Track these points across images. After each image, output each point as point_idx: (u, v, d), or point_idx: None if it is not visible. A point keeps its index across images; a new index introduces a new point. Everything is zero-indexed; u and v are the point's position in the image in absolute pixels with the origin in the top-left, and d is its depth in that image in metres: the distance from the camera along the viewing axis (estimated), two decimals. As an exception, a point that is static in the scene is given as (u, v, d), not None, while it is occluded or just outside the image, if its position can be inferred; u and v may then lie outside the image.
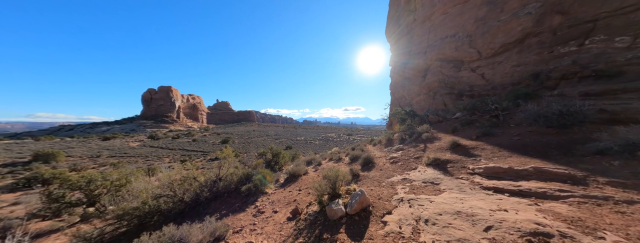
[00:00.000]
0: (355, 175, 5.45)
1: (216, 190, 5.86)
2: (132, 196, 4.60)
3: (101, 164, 21.41)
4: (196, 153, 30.76)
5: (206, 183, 5.77)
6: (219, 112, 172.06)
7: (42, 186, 13.06)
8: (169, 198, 5.06)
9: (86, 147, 32.54)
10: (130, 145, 36.71)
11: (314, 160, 9.02)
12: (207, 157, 27.49)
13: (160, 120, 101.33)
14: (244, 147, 38.23)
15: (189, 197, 5.24)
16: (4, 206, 9.12)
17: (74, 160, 22.71)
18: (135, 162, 23.66)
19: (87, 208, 7.17)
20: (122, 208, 4.27)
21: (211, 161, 24.21)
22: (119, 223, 4.18)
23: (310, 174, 6.96)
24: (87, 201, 7.57)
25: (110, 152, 28.68)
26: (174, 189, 5.11)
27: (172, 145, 37.58)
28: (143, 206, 4.38)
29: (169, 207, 4.59)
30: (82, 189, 7.66)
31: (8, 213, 7.80)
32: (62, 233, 5.26)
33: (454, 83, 11.59)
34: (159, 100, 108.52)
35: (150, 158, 26.62)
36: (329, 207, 3.40)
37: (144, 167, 19.71)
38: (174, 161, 24.38)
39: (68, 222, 6.47)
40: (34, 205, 8.83)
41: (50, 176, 13.82)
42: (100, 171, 16.09)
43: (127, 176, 8.83)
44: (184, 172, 6.44)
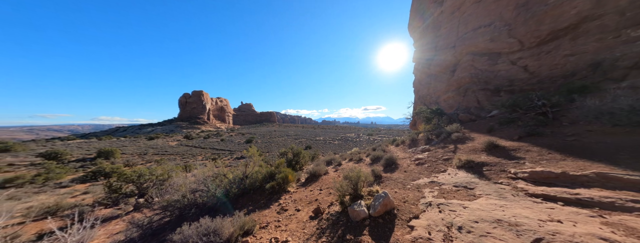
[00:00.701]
0: (378, 177, 5.30)
1: (243, 187, 6.25)
2: (174, 190, 5.18)
3: (148, 161, 24.48)
4: (224, 152, 33.16)
5: (234, 180, 6.19)
6: (244, 113, 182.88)
7: (104, 179, 15.46)
8: (204, 192, 5.56)
9: (135, 145, 37.54)
10: (169, 144, 41.25)
11: (333, 160, 9.01)
12: (233, 156, 29.42)
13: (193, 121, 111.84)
14: (266, 146, 39.96)
15: (220, 192, 5.68)
16: (77, 194, 11.03)
17: (127, 157, 26.39)
18: (174, 159, 26.49)
19: (138, 199, 8.27)
20: (166, 200, 4.84)
21: (237, 159, 25.82)
22: (163, 213, 4.75)
23: (331, 174, 6.98)
24: (138, 193, 8.73)
25: (154, 150, 32.61)
26: (208, 185, 5.60)
27: (204, 145, 41.14)
28: (183, 199, 4.89)
29: (204, 200, 5.04)
30: (134, 182, 8.87)
31: (80, 200, 9.42)
32: (120, 220, 6.16)
33: (489, 78, 10.47)
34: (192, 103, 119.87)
35: (186, 156, 29.55)
36: (351, 208, 3.37)
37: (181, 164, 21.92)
38: (205, 159, 26.67)
39: (124, 210, 7.55)
40: (99, 194, 10.51)
41: (110, 170, 16.29)
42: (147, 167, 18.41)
43: (169, 172, 9.95)
44: (215, 169, 7.01)
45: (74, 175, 16.48)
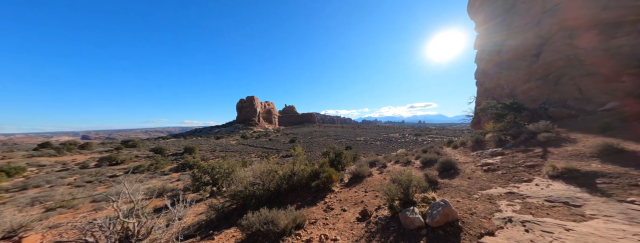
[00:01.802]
0: (432, 182, 4.71)
1: (292, 183, 6.72)
2: (237, 181, 6.10)
3: (216, 156, 29.68)
4: (272, 151, 36.62)
5: (284, 177, 6.73)
6: (287, 115, 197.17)
7: (189, 169, 19.62)
8: (260, 186, 6.30)
9: (207, 144, 46.16)
10: (231, 143, 48.75)
11: (377, 161, 8.56)
12: (280, 154, 32.11)
13: (247, 123, 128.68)
14: (308, 146, 41.76)
15: (273, 187, 6.31)
16: (173, 180, 14.38)
17: (202, 152, 32.76)
18: (234, 155, 31.11)
19: (212, 187, 10.11)
20: (232, 190, 5.74)
21: (283, 158, 28.01)
22: (231, 201, 5.65)
23: (375, 176, 6.66)
24: (212, 182, 10.67)
25: (220, 148, 39.26)
26: (263, 179, 6.31)
27: (256, 144, 46.63)
28: (244, 190, 5.68)
29: (260, 193, 5.71)
30: (209, 173, 10.88)
31: (176, 185, 12.22)
32: (203, 203, 7.69)
33: (599, 58, 7.71)
34: (246, 107, 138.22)
35: (243, 153, 34.24)
36: (403, 214, 3.11)
37: (240, 160, 25.42)
38: (258, 156, 30.16)
39: (203, 195, 9.38)
40: (186, 181, 13.39)
41: (192, 163, 20.51)
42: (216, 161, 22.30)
43: (232, 166, 11.76)
44: (268, 166, 7.83)
45: (171, 166, 21.66)
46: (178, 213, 3.63)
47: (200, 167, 11.77)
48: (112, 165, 21.43)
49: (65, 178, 15.23)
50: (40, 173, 16.85)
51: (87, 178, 15.50)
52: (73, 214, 7.73)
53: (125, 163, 22.29)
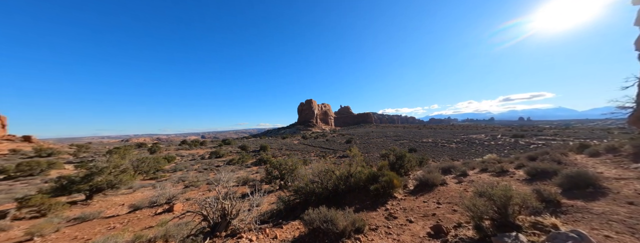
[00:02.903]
0: (551, 202, 3.35)
1: (349, 184, 6.61)
2: (300, 178, 6.66)
3: (283, 154, 33.90)
4: (329, 151, 37.83)
5: (341, 177, 6.73)
6: (342, 115, 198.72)
7: (264, 164, 23.35)
8: (319, 184, 6.60)
9: (276, 143, 53.68)
10: (293, 143, 54.46)
11: (453, 168, 7.04)
12: (336, 154, 32.66)
13: (307, 124, 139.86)
14: (365, 147, 40.18)
15: (330, 186, 6.44)
16: (253, 173, 17.53)
17: (272, 150, 38.32)
18: (297, 154, 34.42)
19: (280, 181, 11.56)
20: (296, 186, 6.31)
21: (340, 158, 28.28)
22: (295, 195, 6.24)
23: (452, 186, 5.47)
24: (280, 177, 12.22)
25: (285, 147, 44.63)
26: (321, 178, 6.57)
27: (314, 144, 49.71)
28: (306, 187, 6.11)
29: (319, 191, 5.96)
30: (277, 168, 12.51)
31: (255, 177, 14.81)
32: (273, 194, 8.93)
33: None
34: (305, 110, 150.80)
35: (304, 152, 37.37)
36: (500, 240, 2.34)
37: (301, 158, 27.76)
38: (316, 156, 31.99)
39: (274, 187, 10.88)
40: (262, 174, 15.96)
41: (266, 159, 24.30)
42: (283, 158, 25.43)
43: (295, 163, 13.03)
44: (325, 165, 8.11)
45: (252, 160, 26.64)
46: (256, 200, 4.34)
47: (271, 163, 13.78)
48: (217, 157, 28.84)
49: (193, 166, 21.87)
50: (182, 161, 24.99)
51: (204, 166, 21.58)
52: (196, 192, 10.94)
53: (224, 157, 29.42)
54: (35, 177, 15.02)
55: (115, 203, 9.10)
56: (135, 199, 9.50)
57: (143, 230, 5.56)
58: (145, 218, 7.00)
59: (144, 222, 6.56)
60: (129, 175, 10.92)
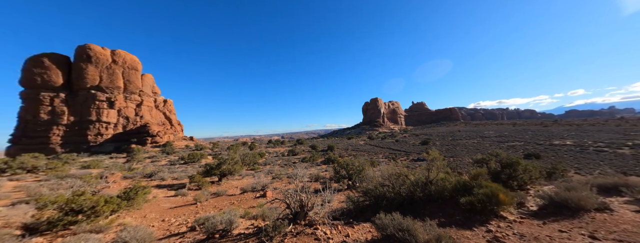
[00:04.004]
0: None
1: (428, 192, 5.67)
2: (368, 180, 6.46)
3: (349, 154, 34.20)
4: (399, 153, 34.11)
5: (417, 184, 5.88)
6: (415, 113, 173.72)
7: (331, 163, 24.51)
8: (389, 188, 6.11)
9: (342, 143, 54.99)
10: (359, 143, 53.60)
11: (625, 186, 4.44)
12: (409, 157, 28.88)
13: (373, 124, 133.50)
14: (449, 150, 32.97)
15: (404, 192, 5.78)
16: (323, 171, 18.82)
17: (339, 150, 39.57)
18: (363, 155, 33.59)
19: (348, 181, 11.72)
20: (364, 187, 6.18)
21: (414, 161, 24.80)
22: (364, 197, 6.11)
23: (624, 214, 3.46)
24: (348, 177, 12.39)
25: (351, 147, 44.77)
26: (392, 182, 6.04)
27: (382, 144, 46.51)
28: (375, 189, 5.85)
29: (391, 196, 5.51)
30: (345, 168, 12.76)
31: (324, 175, 15.85)
32: (342, 193, 9.20)
33: None
34: (371, 109, 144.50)
35: (370, 153, 35.90)
36: None
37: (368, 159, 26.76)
38: (385, 157, 29.80)
39: (342, 187, 11.17)
40: (330, 173, 16.82)
41: (333, 158, 25.44)
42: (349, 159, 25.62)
43: (362, 164, 12.78)
44: (396, 168, 7.39)
45: (321, 159, 28.76)
46: (328, 197, 4.64)
47: (338, 163, 14.26)
48: (293, 155, 33.46)
49: (277, 161, 26.50)
50: (269, 157, 30.97)
51: (284, 162, 25.66)
52: (280, 183, 13.19)
53: (298, 155, 33.63)
54: (195, 163, 23.66)
55: (233, 185, 12.63)
56: (243, 184, 12.75)
57: (249, 208, 7.36)
58: (249, 199, 9.24)
59: (249, 203, 8.67)
60: (239, 166, 14.86)
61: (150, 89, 56.27)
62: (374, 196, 5.81)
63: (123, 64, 50.08)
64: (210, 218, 4.78)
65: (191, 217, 6.66)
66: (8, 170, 14.79)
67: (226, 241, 4.11)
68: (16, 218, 5.48)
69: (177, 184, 12.71)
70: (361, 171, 11.67)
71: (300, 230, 3.98)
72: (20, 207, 6.20)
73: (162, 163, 24.42)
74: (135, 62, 52.27)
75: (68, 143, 41.95)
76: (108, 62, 48.12)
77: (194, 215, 6.92)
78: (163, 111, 57.89)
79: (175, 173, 16.25)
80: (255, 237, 4.01)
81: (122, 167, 18.98)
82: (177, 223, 6.10)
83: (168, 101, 60.56)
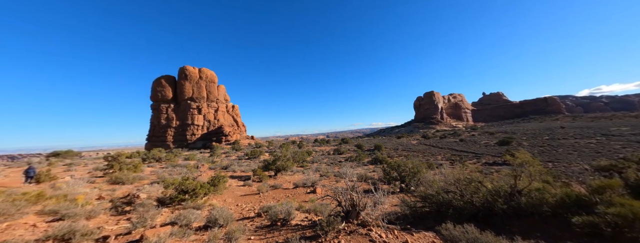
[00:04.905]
0: None
1: (515, 205, 4.46)
2: (427, 184, 5.70)
3: (399, 155, 31.36)
4: (466, 154, 28.45)
5: (498, 193, 4.73)
6: (488, 106, 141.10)
7: (379, 164, 23.16)
8: (456, 195, 5.18)
9: (390, 143, 51.02)
10: (411, 143, 48.25)
11: None
12: (481, 160, 23.67)
13: (428, 122, 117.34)
14: (544, 152, 24.98)
15: (477, 201, 4.77)
16: (370, 171, 18.03)
17: (387, 150, 36.94)
18: (417, 156, 30.00)
19: (401, 184, 10.75)
20: (423, 192, 5.49)
21: (489, 165, 20.17)
22: (423, 202, 5.44)
23: None
24: (400, 179, 11.38)
25: (402, 147, 40.86)
26: (460, 188, 5.10)
27: (441, 144, 40.12)
28: (436, 195, 5.10)
29: (459, 204, 4.67)
30: (396, 170, 11.77)
31: (372, 175, 15.15)
32: (395, 196, 8.53)
33: None
34: (424, 105, 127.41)
35: (426, 154, 31.64)
36: None
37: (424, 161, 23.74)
38: (446, 159, 25.60)
39: (394, 189, 10.35)
40: (379, 173, 15.91)
41: (381, 159, 23.97)
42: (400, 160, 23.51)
43: (417, 166, 11.44)
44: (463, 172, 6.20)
45: (367, 159, 27.68)
46: (380, 199, 4.41)
47: (388, 164, 13.30)
48: (338, 154, 33.71)
49: (323, 159, 27.44)
50: (316, 155, 32.40)
51: (330, 161, 26.21)
52: (328, 181, 13.55)
53: (344, 154, 33.59)
54: (256, 158, 27.58)
55: (286, 180, 13.95)
56: (295, 179, 13.87)
57: (302, 202, 7.93)
58: (301, 194, 9.94)
59: (301, 197, 9.33)
60: (291, 163, 16.27)
61: (223, 97, 69.63)
62: (435, 202, 5.09)
63: (206, 78, 64.14)
64: (272, 208, 5.43)
65: (257, 205, 7.79)
66: (147, 159, 21.68)
67: (286, 229, 4.57)
68: (154, 193, 7.97)
69: (244, 176, 15.16)
70: (416, 173, 10.46)
71: (353, 229, 3.95)
72: (155, 186, 8.96)
73: (232, 158, 29.76)
74: (214, 76, 65.95)
75: (175, 141, 57.41)
76: (196, 78, 62.78)
77: (259, 203, 8.07)
78: (232, 115, 70.40)
79: (242, 166, 19.46)
80: (311, 229, 4.27)
81: (208, 159, 24.36)
82: (247, 208, 7.28)
83: (235, 106, 73.16)
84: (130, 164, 13.96)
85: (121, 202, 6.81)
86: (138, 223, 4.62)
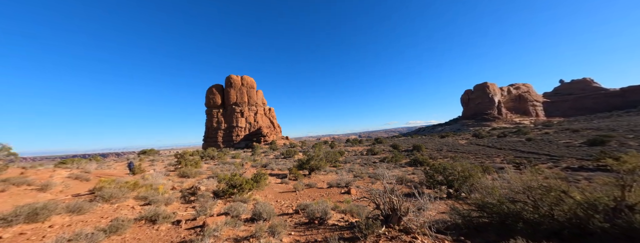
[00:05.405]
0: None
1: (624, 224, 3.34)
2: (486, 192, 4.83)
3: (444, 156, 27.87)
4: (537, 157, 23.10)
5: (593, 207, 3.64)
6: (568, 97, 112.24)
7: (420, 165, 21.11)
8: (527, 206, 4.22)
9: (432, 142, 45.87)
10: (459, 143, 42.23)
11: None
12: (560, 164, 18.83)
13: (480, 118, 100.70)
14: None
15: (561, 216, 3.78)
16: (409, 173, 16.60)
17: (428, 151, 33.34)
18: (467, 157, 26.03)
19: (449, 189, 9.52)
20: (480, 200, 4.69)
21: (574, 171, 15.92)
22: (480, 212, 4.65)
23: None
24: (446, 183, 10.09)
25: (447, 147, 36.20)
26: (533, 198, 4.14)
27: (500, 144, 33.77)
28: (499, 205, 4.27)
29: (534, 217, 3.79)
30: (441, 173, 10.49)
31: (412, 178, 13.88)
32: (442, 202, 7.61)
33: None
34: (475, 99, 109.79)
35: (479, 155, 27.14)
36: None
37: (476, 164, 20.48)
38: (508, 162, 21.39)
39: (440, 194, 9.24)
40: (419, 176, 14.47)
41: (422, 160, 21.82)
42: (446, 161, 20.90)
43: (468, 170, 9.91)
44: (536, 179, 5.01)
45: (405, 160, 25.63)
46: (425, 204, 3.99)
47: (431, 166, 11.97)
48: (372, 154, 32.33)
49: (356, 160, 26.76)
50: (349, 156, 31.90)
51: (364, 161, 25.36)
52: (362, 182, 13.13)
53: (378, 154, 32.00)
54: (291, 158, 29.08)
55: (320, 179, 14.19)
56: (328, 179, 13.97)
57: (337, 202, 7.90)
58: (336, 194, 9.92)
59: (336, 197, 9.32)
60: (323, 162, 16.48)
61: (261, 101, 76.24)
62: (497, 213, 4.28)
63: (246, 85, 71.56)
64: (309, 206, 5.59)
65: (294, 202, 8.18)
66: (204, 157, 25.57)
67: (324, 228, 4.62)
68: (210, 186, 9.31)
69: (281, 174, 16.14)
70: (468, 178, 9.08)
71: (395, 235, 3.69)
72: (211, 180, 10.46)
73: (270, 157, 32.15)
74: (253, 82, 73.04)
75: (224, 141, 65.73)
76: (239, 85, 70.67)
77: (296, 201, 8.44)
78: (269, 117, 76.27)
79: (279, 165, 20.80)
80: (349, 230, 4.20)
81: (249, 158, 26.99)
82: (285, 205, 7.72)
83: (271, 109, 79.02)
84: (192, 161, 16.71)
85: (188, 192, 8.19)
86: (201, 211, 5.46)
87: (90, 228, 4.17)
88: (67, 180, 8.84)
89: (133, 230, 4.58)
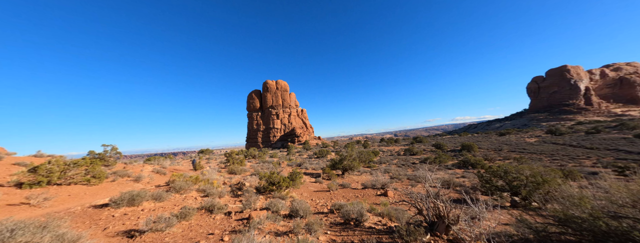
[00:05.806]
0: None
1: None
2: (570, 203, 3.79)
3: (505, 157, 23.32)
4: (658, 159, 16.87)
5: None
6: None
7: (472, 168, 18.28)
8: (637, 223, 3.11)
9: (488, 141, 38.97)
10: (526, 141, 34.66)
11: None
12: None
13: (556, 111, 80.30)
14: None
15: None
16: (458, 176, 14.56)
17: (483, 151, 28.49)
18: (539, 159, 21.11)
19: (513, 197, 7.93)
20: (562, 213, 3.72)
21: None
22: (562, 227, 3.68)
23: None
24: (509, 189, 8.42)
25: (508, 147, 30.17)
26: (651, 216, 3.03)
27: (590, 143, 26.14)
28: (593, 221, 3.29)
29: (653, 243, 2.77)
30: (502, 178, 8.83)
31: (461, 182, 12.16)
32: (505, 212, 6.40)
33: None
34: (549, 87, 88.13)
35: (557, 157, 21.64)
36: None
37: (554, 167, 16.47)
38: (602, 165, 16.39)
39: (501, 202, 7.77)
40: (472, 180, 12.56)
41: (474, 162, 18.84)
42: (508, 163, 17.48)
43: (538, 173, 8.02)
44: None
45: (452, 161, 22.61)
46: (481, 213, 3.43)
47: (487, 169, 10.21)
48: (411, 155, 29.75)
49: (393, 160, 25.15)
50: (384, 156, 30.25)
51: (402, 162, 23.59)
52: (400, 184, 12.22)
53: (418, 155, 29.23)
54: (324, 157, 29.51)
55: (354, 180, 13.91)
56: (362, 180, 13.56)
57: (373, 204, 7.60)
58: (371, 196, 9.55)
59: (371, 199, 8.97)
60: (357, 163, 16.10)
61: (294, 103, 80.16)
62: (589, 231, 3.32)
63: (281, 88, 76.50)
64: (344, 206, 5.56)
65: (329, 201, 8.27)
66: (247, 156, 28.54)
67: (360, 230, 4.52)
68: (253, 183, 10.33)
69: (315, 173, 16.56)
70: (542, 184, 7.35)
71: (442, 245, 3.30)
72: (254, 177, 11.60)
73: (304, 156, 33.40)
74: (286, 86, 77.62)
75: (263, 142, 71.79)
76: (274, 89, 76.12)
77: (330, 200, 8.52)
78: (301, 118, 79.43)
79: (312, 164, 21.40)
80: (388, 235, 3.98)
81: (285, 157, 28.69)
82: (320, 203, 7.89)
83: (304, 110, 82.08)
84: (237, 159, 18.88)
85: (235, 187, 9.30)
86: (246, 205, 6.12)
87: (167, 214, 5.21)
88: (152, 174, 11.27)
89: (196, 217, 5.49)
